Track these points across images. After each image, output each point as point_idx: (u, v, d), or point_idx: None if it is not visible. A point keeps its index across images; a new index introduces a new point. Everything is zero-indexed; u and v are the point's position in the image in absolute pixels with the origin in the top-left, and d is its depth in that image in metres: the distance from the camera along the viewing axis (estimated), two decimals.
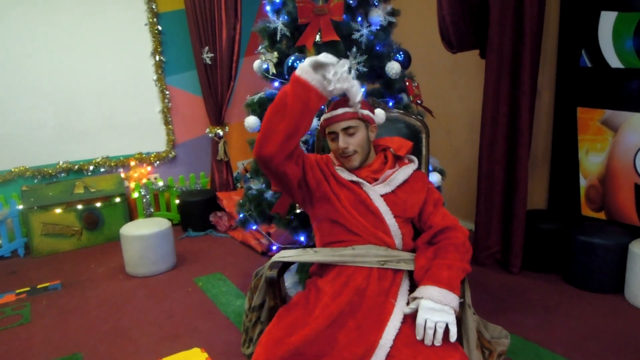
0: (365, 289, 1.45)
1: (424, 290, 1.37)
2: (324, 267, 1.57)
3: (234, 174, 4.72)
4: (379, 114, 1.72)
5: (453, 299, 1.35)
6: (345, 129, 1.57)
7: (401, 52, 2.69)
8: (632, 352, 2.23)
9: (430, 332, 1.29)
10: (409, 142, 1.73)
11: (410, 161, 1.71)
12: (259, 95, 2.65)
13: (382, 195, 1.57)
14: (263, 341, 1.37)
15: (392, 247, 1.55)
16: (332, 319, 1.37)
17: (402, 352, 1.30)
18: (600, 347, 2.29)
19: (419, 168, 1.75)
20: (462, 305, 1.45)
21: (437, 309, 1.32)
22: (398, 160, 1.70)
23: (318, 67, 1.40)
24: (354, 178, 1.59)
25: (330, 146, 1.64)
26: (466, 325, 1.45)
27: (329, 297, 1.44)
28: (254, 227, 2.86)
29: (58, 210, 3.83)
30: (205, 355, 2.33)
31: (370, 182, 1.60)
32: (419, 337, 1.31)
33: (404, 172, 1.63)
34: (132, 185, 4.30)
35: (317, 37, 2.45)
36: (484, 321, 1.60)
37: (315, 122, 2.40)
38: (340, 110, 1.58)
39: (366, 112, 1.60)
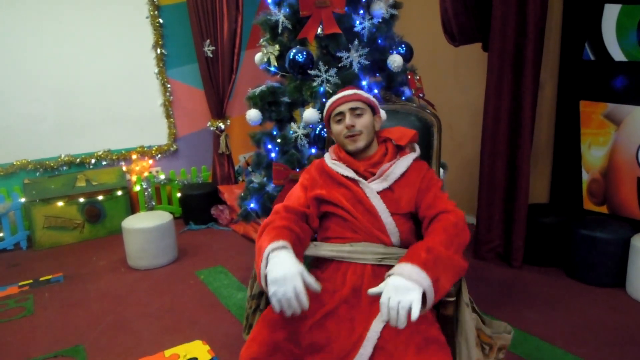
0: (360, 287, 1.44)
1: (397, 267, 1.25)
2: (321, 261, 1.57)
3: (236, 167, 4.72)
4: (381, 115, 1.72)
5: (424, 279, 1.21)
6: (353, 109, 1.59)
7: (403, 45, 2.68)
8: (633, 346, 2.23)
9: (392, 313, 1.17)
10: (410, 131, 1.67)
11: (412, 150, 1.66)
12: (261, 88, 2.64)
13: (378, 192, 1.54)
14: (259, 323, 1.38)
15: (388, 244, 1.52)
16: (327, 312, 1.38)
17: (388, 343, 1.29)
18: (602, 340, 2.29)
19: (428, 162, 1.72)
20: (458, 303, 1.42)
21: (402, 287, 1.19)
22: (399, 150, 1.65)
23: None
24: (351, 174, 1.57)
25: (335, 130, 1.63)
26: (463, 324, 1.42)
27: (328, 295, 1.44)
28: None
29: (60, 204, 3.84)
30: (207, 347, 2.34)
31: (367, 177, 1.57)
32: (383, 318, 1.21)
33: (402, 164, 1.58)
34: (134, 178, 4.30)
35: (319, 30, 2.44)
36: (488, 319, 1.56)
37: (316, 115, 2.40)
38: (349, 92, 1.62)
39: (373, 98, 1.63)
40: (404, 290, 1.19)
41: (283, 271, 1.26)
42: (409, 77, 2.67)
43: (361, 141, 1.58)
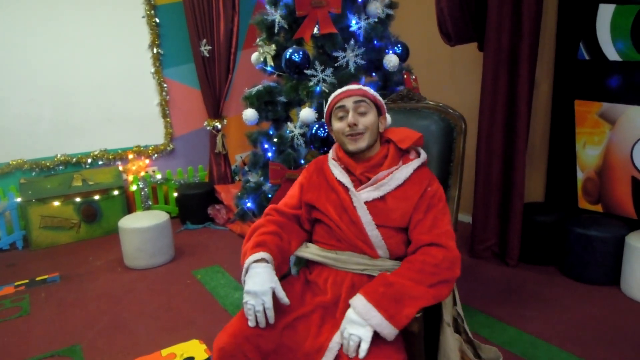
0: (339, 297, 1.44)
1: (354, 299, 1.28)
2: (311, 261, 1.58)
3: (232, 167, 4.72)
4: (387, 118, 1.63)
5: (374, 317, 1.22)
6: (357, 104, 1.48)
7: (399, 45, 2.69)
8: (627, 344, 2.25)
9: (345, 343, 1.24)
10: (415, 134, 1.53)
11: (417, 155, 1.54)
12: (257, 88, 2.65)
13: (367, 202, 1.45)
14: (236, 316, 1.40)
15: (374, 257, 1.46)
16: (301, 314, 1.40)
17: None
18: (596, 338, 2.30)
19: (448, 169, 1.67)
20: (440, 323, 1.39)
21: (355, 321, 1.23)
22: (403, 154, 1.53)
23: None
24: (344, 179, 1.50)
25: (336, 127, 1.52)
26: (444, 345, 1.39)
27: (310, 296, 1.46)
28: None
29: (56, 203, 3.83)
30: (204, 346, 2.34)
31: (362, 181, 1.50)
32: (339, 341, 1.27)
33: (401, 173, 1.46)
34: (130, 178, 4.30)
35: (315, 30, 2.44)
36: (477, 342, 1.52)
37: (312, 114, 2.41)
38: (355, 86, 1.52)
39: (380, 97, 1.54)
40: (356, 325, 1.24)
41: (257, 286, 1.32)
42: (405, 76, 2.68)
43: (363, 141, 1.47)
